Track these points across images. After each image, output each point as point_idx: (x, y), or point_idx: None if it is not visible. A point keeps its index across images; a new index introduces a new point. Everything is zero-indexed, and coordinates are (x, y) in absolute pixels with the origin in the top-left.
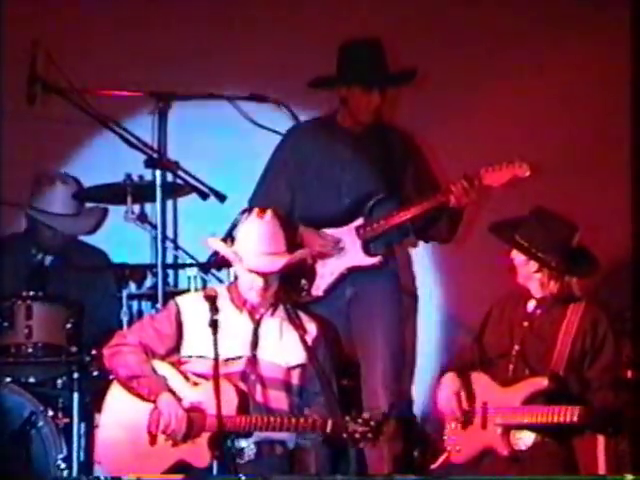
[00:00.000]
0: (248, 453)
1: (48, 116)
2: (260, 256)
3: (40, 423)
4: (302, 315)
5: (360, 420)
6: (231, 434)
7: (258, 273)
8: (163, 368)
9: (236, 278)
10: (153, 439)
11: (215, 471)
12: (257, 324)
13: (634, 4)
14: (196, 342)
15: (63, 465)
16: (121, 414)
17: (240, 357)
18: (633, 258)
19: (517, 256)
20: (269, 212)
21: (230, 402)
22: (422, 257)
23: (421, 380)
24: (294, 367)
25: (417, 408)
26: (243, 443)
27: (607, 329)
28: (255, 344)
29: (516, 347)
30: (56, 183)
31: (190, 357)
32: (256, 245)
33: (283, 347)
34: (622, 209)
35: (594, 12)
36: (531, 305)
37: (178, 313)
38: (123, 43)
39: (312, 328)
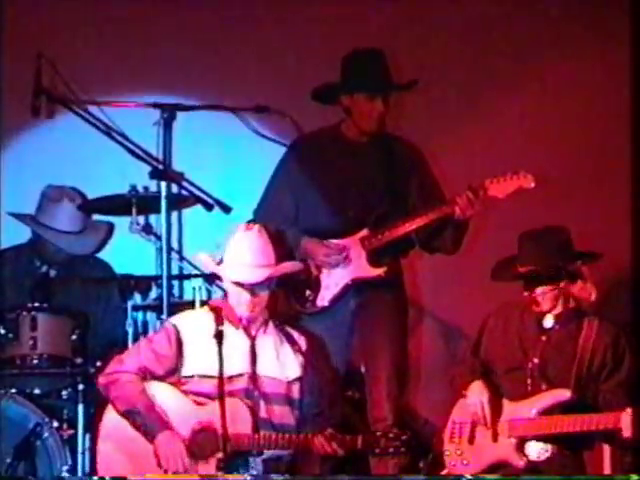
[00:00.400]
0: (256, 468)
1: (53, 127)
2: (244, 267)
3: (45, 434)
4: (291, 331)
5: (391, 435)
6: (244, 453)
7: (243, 286)
8: (166, 390)
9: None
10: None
11: None
12: (253, 340)
13: (634, 10)
14: (197, 361)
15: (68, 476)
16: (123, 440)
17: (241, 374)
18: (633, 275)
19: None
20: (257, 226)
21: (245, 420)
22: (426, 268)
23: (425, 391)
24: (294, 381)
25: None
26: (250, 460)
27: (626, 345)
28: (254, 360)
29: (535, 360)
30: (63, 199)
31: (192, 377)
32: (240, 257)
33: (281, 362)
34: (626, 221)
35: (595, 22)
36: (549, 321)
37: (177, 333)
38: (128, 55)
39: (302, 343)
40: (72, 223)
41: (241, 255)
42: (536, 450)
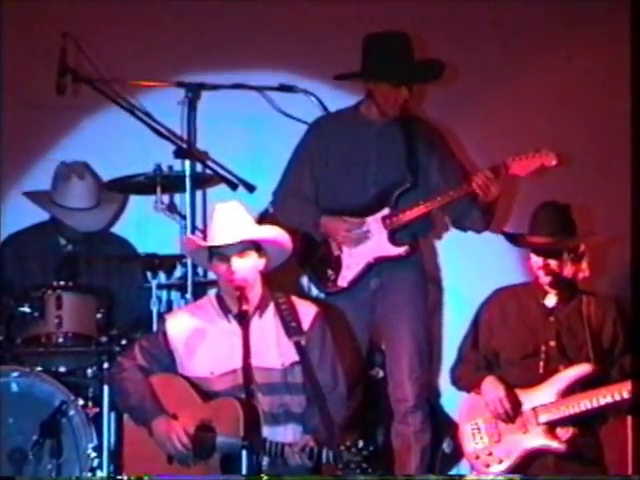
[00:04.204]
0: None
1: (78, 107)
2: (220, 234)
3: (71, 412)
4: (298, 301)
5: (354, 449)
6: (241, 456)
7: (223, 256)
8: (175, 380)
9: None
10: (170, 458)
11: None
12: (246, 330)
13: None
14: (189, 364)
15: (94, 454)
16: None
17: (234, 370)
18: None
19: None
20: (234, 201)
21: (237, 420)
22: (448, 246)
23: (447, 371)
24: (291, 365)
25: (444, 399)
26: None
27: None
28: (247, 352)
29: (551, 343)
30: (71, 177)
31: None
32: (217, 226)
33: (277, 347)
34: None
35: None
36: (552, 300)
37: (166, 339)
38: (153, 34)
39: (309, 311)
40: (82, 200)
41: (217, 224)
42: (562, 432)
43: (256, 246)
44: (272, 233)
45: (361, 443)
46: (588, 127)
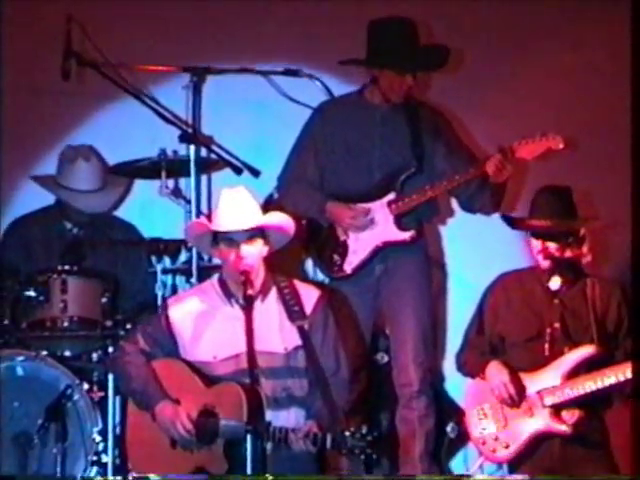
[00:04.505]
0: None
1: (82, 91)
2: (230, 218)
3: (76, 396)
4: (301, 285)
5: (358, 435)
6: (244, 440)
7: (232, 241)
8: (177, 365)
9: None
10: (173, 443)
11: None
12: (249, 314)
13: None
14: (192, 349)
15: (99, 438)
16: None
17: (237, 355)
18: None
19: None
20: (241, 186)
21: (240, 405)
22: (452, 232)
23: (452, 355)
24: (294, 349)
25: (448, 384)
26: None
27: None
28: (250, 336)
29: (556, 325)
30: (77, 159)
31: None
32: (227, 210)
33: (279, 332)
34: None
35: None
36: (556, 283)
37: (168, 323)
38: (157, 17)
39: (312, 295)
40: (88, 182)
41: (226, 209)
42: (567, 415)
43: (262, 232)
44: (279, 219)
45: (365, 428)
46: (591, 113)
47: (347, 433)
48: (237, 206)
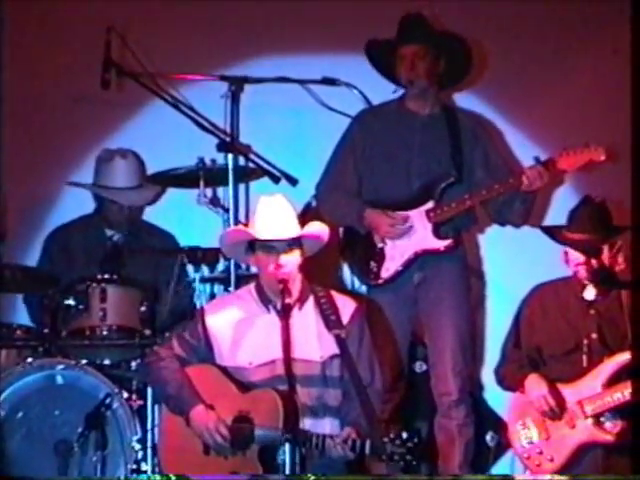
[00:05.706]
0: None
1: (123, 101)
2: (273, 226)
3: (115, 405)
4: (337, 296)
5: (398, 441)
6: (280, 446)
7: (271, 250)
8: (212, 371)
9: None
10: (206, 449)
11: None
12: (286, 322)
13: None
14: (228, 354)
15: (138, 446)
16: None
17: (273, 361)
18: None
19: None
20: (279, 194)
21: (276, 412)
22: (491, 240)
23: (491, 364)
24: (330, 358)
25: (487, 393)
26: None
27: None
28: (287, 343)
29: (593, 336)
30: (114, 158)
31: (226, 368)
32: (268, 219)
33: (317, 340)
34: None
35: None
36: (591, 293)
37: (205, 329)
38: (196, 27)
39: (348, 306)
40: (127, 179)
41: (265, 218)
42: (610, 425)
43: (300, 242)
44: (318, 229)
45: (405, 435)
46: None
47: (386, 439)
48: (277, 215)
